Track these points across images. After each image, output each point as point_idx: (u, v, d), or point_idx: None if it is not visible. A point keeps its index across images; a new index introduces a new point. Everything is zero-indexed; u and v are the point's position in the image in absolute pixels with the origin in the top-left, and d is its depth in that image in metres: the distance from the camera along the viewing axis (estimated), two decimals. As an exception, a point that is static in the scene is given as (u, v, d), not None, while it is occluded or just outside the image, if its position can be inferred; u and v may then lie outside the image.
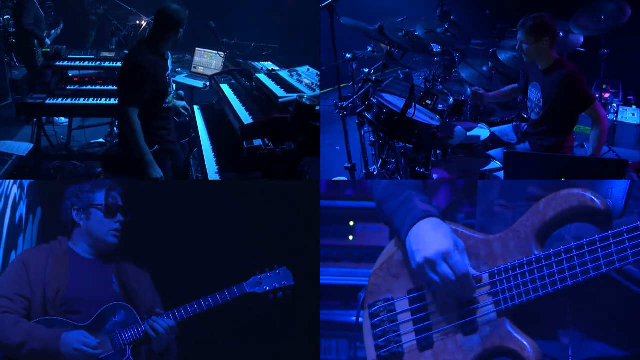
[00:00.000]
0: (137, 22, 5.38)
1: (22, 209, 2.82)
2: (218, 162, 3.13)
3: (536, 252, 1.59)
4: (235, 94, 3.63)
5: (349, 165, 4.09)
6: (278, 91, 3.18)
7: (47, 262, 2.21)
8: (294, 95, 2.95)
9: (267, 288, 2.23)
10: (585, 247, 1.50)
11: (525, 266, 1.59)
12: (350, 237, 3.31)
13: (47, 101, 4.13)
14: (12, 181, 2.74)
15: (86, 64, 4.66)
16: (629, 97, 5.20)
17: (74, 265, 2.23)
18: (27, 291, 2.14)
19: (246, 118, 3.01)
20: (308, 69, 3.86)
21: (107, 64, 4.68)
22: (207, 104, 4.20)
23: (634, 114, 4.91)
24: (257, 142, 2.79)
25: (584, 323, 1.57)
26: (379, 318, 1.79)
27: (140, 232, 2.44)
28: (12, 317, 2.09)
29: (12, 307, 2.11)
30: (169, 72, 3.19)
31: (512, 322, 1.61)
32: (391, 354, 1.76)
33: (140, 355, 2.16)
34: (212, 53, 4.92)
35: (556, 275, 1.54)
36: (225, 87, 3.81)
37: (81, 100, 4.23)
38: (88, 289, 2.19)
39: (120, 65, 3.35)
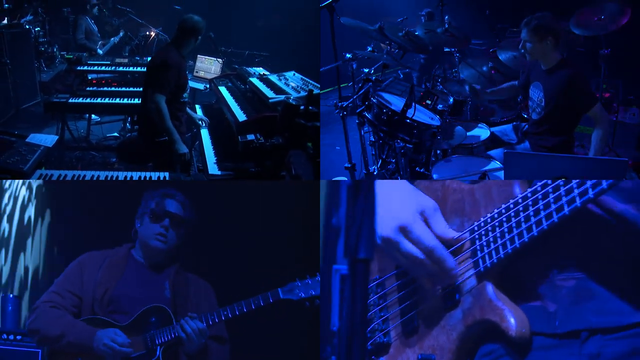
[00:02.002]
0: (147, 32, 6.15)
1: (31, 210, 2.84)
2: (216, 154, 3.49)
3: (517, 193, 1.34)
4: (231, 95, 4.06)
5: (349, 165, 4.08)
6: (268, 93, 3.58)
7: (102, 264, 2.31)
8: (282, 97, 3.34)
9: (303, 295, 2.19)
10: (558, 178, 1.28)
11: (503, 214, 1.34)
12: None
13: (70, 100, 4.71)
14: (20, 182, 2.76)
15: (103, 68, 5.43)
16: (629, 97, 5.20)
17: (129, 269, 2.33)
18: (78, 289, 2.26)
19: (241, 116, 3.40)
20: (294, 74, 4.27)
21: (120, 68, 5.43)
22: (207, 104, 4.70)
23: (634, 114, 4.91)
24: (250, 136, 3.04)
25: (569, 279, 1.33)
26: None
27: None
28: (58, 312, 2.21)
29: (61, 302, 2.23)
30: (186, 71, 3.60)
31: (496, 287, 1.35)
32: (376, 345, 1.55)
33: (174, 357, 2.19)
34: (211, 59, 5.45)
35: (531, 218, 1.29)
36: (223, 89, 4.28)
37: (99, 100, 4.78)
38: (137, 291, 2.27)
39: (149, 61, 3.95)
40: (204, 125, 3.99)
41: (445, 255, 1.38)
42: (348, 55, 4.09)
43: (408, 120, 3.23)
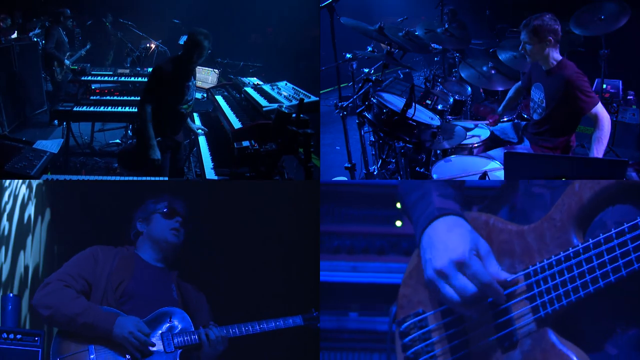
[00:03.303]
0: (148, 44, 6.44)
1: (31, 209, 2.85)
2: (213, 160, 3.62)
3: (576, 243, 1.33)
4: (227, 103, 4.28)
5: (349, 165, 4.08)
6: (262, 101, 3.75)
7: (115, 258, 2.35)
8: (275, 105, 3.51)
9: (320, 326, 2.36)
10: (627, 232, 1.24)
11: (563, 262, 1.34)
12: (398, 223, 2.71)
13: (75, 109, 4.99)
14: (20, 181, 2.78)
15: (106, 78, 5.72)
16: (629, 97, 5.20)
17: (138, 268, 2.36)
18: (90, 276, 2.26)
19: (236, 123, 3.59)
20: (286, 84, 4.41)
21: (122, 78, 5.71)
22: (204, 112, 4.85)
23: (634, 114, 4.91)
24: (245, 143, 3.12)
25: (633, 328, 1.33)
26: (410, 337, 1.55)
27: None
28: (72, 292, 2.19)
29: (74, 284, 2.22)
30: (189, 83, 3.71)
31: (556, 332, 1.35)
32: None
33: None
34: (208, 70, 5.67)
35: (597, 270, 1.29)
36: (219, 98, 4.50)
37: (101, 108, 5.05)
38: (149, 289, 2.30)
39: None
40: (201, 133, 4.13)
41: (499, 291, 1.38)
42: (348, 55, 4.09)
43: (408, 120, 3.23)
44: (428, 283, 1.42)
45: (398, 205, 2.67)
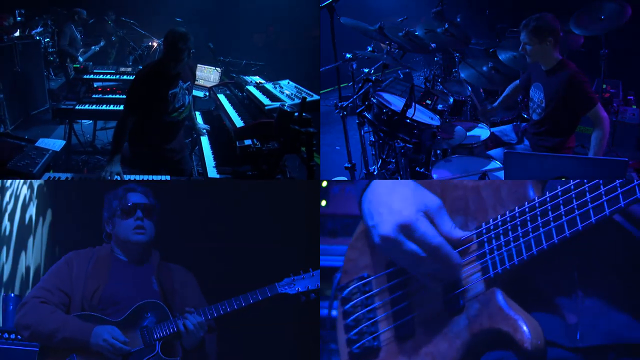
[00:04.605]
0: (150, 43, 6.49)
1: (32, 209, 2.86)
2: (215, 158, 3.59)
3: (532, 197, 1.24)
4: (229, 102, 4.20)
5: (349, 165, 4.08)
6: (264, 100, 3.70)
7: (89, 262, 2.29)
8: (277, 104, 3.46)
9: (300, 289, 2.26)
10: (585, 183, 1.16)
11: (518, 217, 1.24)
12: (323, 202, 2.85)
13: (77, 107, 5.00)
14: (21, 181, 2.80)
15: (108, 77, 5.78)
16: (629, 97, 5.20)
17: (115, 268, 2.30)
18: (68, 287, 2.23)
19: (238, 122, 3.52)
20: (288, 82, 4.38)
21: (124, 77, 5.76)
22: (206, 110, 4.84)
23: (634, 114, 4.91)
24: (248, 141, 3.12)
25: (594, 290, 1.21)
26: (351, 303, 1.45)
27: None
28: (49, 307, 2.17)
29: (51, 298, 2.20)
30: (174, 90, 3.36)
31: (506, 294, 1.25)
32: (364, 349, 1.42)
33: (171, 351, 2.20)
34: (210, 68, 5.63)
35: (551, 223, 1.19)
36: (221, 97, 4.43)
37: (104, 107, 5.06)
38: (126, 289, 2.25)
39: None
40: (205, 133, 4.06)
41: (451, 253, 1.28)
42: (348, 55, 4.09)
43: (408, 120, 3.23)
44: (379, 251, 1.32)
45: (324, 183, 2.81)
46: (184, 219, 2.79)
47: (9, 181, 2.78)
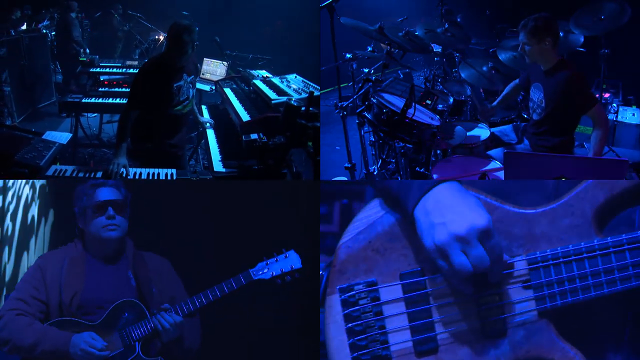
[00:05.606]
0: (156, 36, 6.49)
1: (34, 209, 2.85)
2: (221, 152, 3.59)
3: (594, 237, 1.24)
4: (236, 96, 4.17)
5: (349, 165, 4.09)
6: (271, 94, 3.68)
7: (63, 265, 2.23)
8: (284, 98, 3.47)
9: (274, 273, 2.21)
10: None
11: (585, 253, 1.22)
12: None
13: (83, 100, 5.03)
14: (23, 181, 2.79)
15: (114, 70, 5.76)
16: (629, 97, 5.21)
17: (89, 268, 2.25)
18: (43, 295, 2.18)
19: (245, 116, 3.49)
20: (295, 76, 4.37)
21: (131, 70, 5.74)
22: (212, 104, 4.82)
23: (634, 114, 4.92)
24: (254, 136, 3.11)
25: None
26: (357, 307, 1.41)
27: (149, 228, 2.46)
28: (26, 319, 2.12)
29: (27, 309, 2.15)
30: (179, 83, 3.36)
31: (556, 327, 1.25)
32: (373, 356, 1.39)
33: (152, 349, 2.18)
34: (217, 62, 5.64)
35: (615, 272, 1.20)
36: (227, 91, 4.39)
37: (110, 100, 5.07)
38: (104, 289, 2.21)
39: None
40: (209, 126, 4.05)
41: (501, 272, 1.25)
42: (348, 55, 4.10)
43: (408, 120, 3.23)
44: (433, 249, 1.26)
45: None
46: (179, 221, 2.77)
47: (11, 181, 2.78)
